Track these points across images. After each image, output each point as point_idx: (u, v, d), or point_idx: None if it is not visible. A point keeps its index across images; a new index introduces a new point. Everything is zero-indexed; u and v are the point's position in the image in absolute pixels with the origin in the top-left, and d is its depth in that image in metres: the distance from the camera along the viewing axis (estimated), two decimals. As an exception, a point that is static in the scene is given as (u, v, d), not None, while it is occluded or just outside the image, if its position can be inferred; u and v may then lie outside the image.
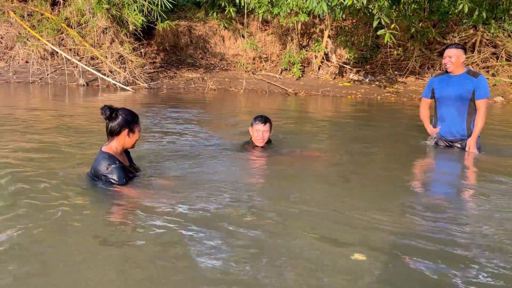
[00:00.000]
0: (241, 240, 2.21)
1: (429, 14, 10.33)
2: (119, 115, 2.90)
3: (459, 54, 4.15)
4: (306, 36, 12.63)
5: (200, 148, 4.28)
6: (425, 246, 2.22)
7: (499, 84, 10.88)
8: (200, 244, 2.15)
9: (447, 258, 2.11)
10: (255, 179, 3.47)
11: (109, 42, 10.80)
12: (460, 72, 4.21)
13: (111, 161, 2.85)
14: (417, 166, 4.15)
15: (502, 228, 2.49)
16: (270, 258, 2.04)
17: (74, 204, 2.62)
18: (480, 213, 2.76)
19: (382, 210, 2.72)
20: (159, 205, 2.64)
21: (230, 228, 2.35)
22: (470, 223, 2.57)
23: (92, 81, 10.51)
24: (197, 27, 13.02)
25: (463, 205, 2.98)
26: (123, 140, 2.93)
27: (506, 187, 3.29)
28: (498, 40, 11.22)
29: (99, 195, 2.80)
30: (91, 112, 6.56)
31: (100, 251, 2.08)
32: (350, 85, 11.29)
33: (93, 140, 4.37)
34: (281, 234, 2.33)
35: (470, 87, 4.13)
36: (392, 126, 6.49)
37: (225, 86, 11.10)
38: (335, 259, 2.06)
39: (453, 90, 4.20)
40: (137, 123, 2.98)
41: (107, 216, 2.54)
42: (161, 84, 10.80)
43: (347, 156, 4.33)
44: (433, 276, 1.93)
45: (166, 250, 2.09)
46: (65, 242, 2.14)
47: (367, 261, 2.05)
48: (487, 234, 2.41)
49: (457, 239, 2.32)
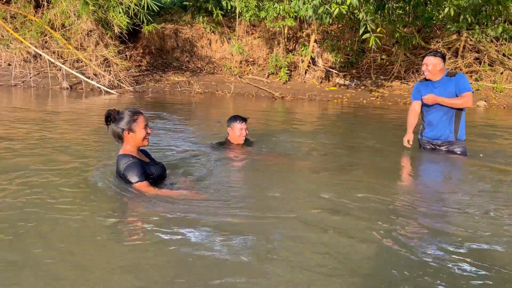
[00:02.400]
0: (239, 235, 2.21)
1: (413, 20, 10.46)
2: (116, 118, 2.90)
3: (436, 62, 4.18)
4: (293, 41, 12.67)
5: (185, 152, 4.26)
6: (414, 240, 2.22)
7: (482, 89, 11.05)
8: (210, 244, 2.16)
9: (438, 252, 2.11)
10: (248, 176, 3.51)
11: (93, 44, 10.67)
12: (440, 77, 4.25)
13: (126, 159, 2.86)
14: (401, 168, 4.19)
15: (486, 224, 2.51)
16: (269, 252, 2.03)
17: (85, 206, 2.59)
18: (463, 212, 2.78)
19: (368, 210, 2.72)
20: (176, 211, 2.65)
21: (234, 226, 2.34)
22: (455, 222, 2.58)
23: (76, 84, 10.36)
24: (184, 30, 12.96)
25: (448, 207, 2.99)
26: (130, 140, 2.92)
27: (490, 188, 3.33)
28: (481, 45, 11.40)
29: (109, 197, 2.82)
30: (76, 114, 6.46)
31: (108, 251, 2.04)
32: (336, 89, 11.35)
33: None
34: (279, 228, 2.36)
35: (453, 87, 4.16)
36: (377, 130, 6.53)
37: (211, 89, 11.06)
38: (325, 254, 2.05)
39: (438, 94, 4.23)
40: (135, 120, 2.92)
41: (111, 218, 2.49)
42: (146, 88, 10.71)
43: (332, 157, 4.38)
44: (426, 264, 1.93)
45: (166, 249, 2.06)
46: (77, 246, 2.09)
47: (360, 250, 2.05)
48: (470, 230, 2.43)
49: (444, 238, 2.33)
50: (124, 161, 2.85)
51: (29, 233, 2.26)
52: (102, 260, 2.03)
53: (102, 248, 2.15)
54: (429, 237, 2.42)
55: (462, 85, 4.12)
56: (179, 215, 2.57)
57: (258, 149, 4.50)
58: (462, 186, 3.57)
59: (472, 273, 2.03)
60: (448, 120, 4.24)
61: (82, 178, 3.19)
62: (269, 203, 2.86)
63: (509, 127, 7.24)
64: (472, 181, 3.65)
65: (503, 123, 7.73)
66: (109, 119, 2.90)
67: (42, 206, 2.61)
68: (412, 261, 2.13)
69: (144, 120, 2.96)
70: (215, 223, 2.48)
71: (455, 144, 4.29)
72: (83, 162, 3.60)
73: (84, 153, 3.99)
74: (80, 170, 3.37)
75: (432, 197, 3.31)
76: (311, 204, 2.90)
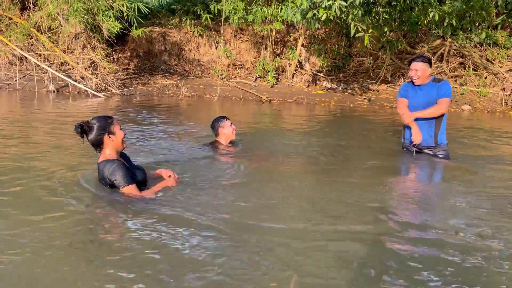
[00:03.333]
0: (226, 235, 2.22)
1: (399, 25, 10.61)
2: (92, 126, 2.86)
3: (425, 68, 4.24)
4: (280, 44, 12.75)
5: (176, 153, 4.28)
6: (400, 243, 2.27)
7: (466, 93, 11.25)
8: (195, 245, 2.17)
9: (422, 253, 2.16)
10: (239, 177, 3.56)
11: (81, 48, 10.59)
12: (427, 82, 4.33)
13: (110, 163, 2.84)
14: (386, 170, 4.26)
15: (470, 226, 2.57)
16: (254, 252, 2.04)
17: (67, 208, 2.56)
18: (447, 214, 2.84)
19: (352, 210, 2.76)
20: (165, 209, 2.70)
21: (224, 227, 2.35)
22: (438, 225, 2.64)
23: (63, 87, 10.26)
24: (172, 33, 12.94)
25: (432, 208, 3.05)
26: (110, 145, 2.90)
27: (473, 190, 3.41)
28: (465, 50, 11.62)
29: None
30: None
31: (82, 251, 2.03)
32: (323, 92, 11.45)
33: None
34: (267, 227, 2.39)
35: (435, 93, 4.23)
36: (364, 133, 6.60)
37: (199, 93, 11.05)
38: (316, 251, 2.08)
39: (421, 99, 4.30)
40: (112, 123, 2.93)
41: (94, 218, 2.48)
42: (134, 91, 10.66)
43: (321, 158, 4.43)
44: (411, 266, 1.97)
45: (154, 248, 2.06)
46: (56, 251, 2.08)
47: (348, 254, 2.08)
48: (455, 232, 2.48)
49: (428, 239, 2.38)
50: (109, 165, 2.83)
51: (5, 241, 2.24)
52: (86, 267, 2.02)
53: (85, 255, 2.14)
54: (416, 237, 2.48)
55: (442, 91, 4.19)
56: (165, 216, 2.58)
57: (247, 149, 4.58)
58: (447, 188, 3.65)
59: (460, 270, 2.08)
60: (428, 125, 4.30)
61: (60, 182, 3.13)
62: (259, 205, 2.89)
63: (492, 131, 7.39)
64: (456, 183, 3.73)
65: (487, 127, 7.88)
66: (83, 131, 2.86)
67: (13, 213, 2.57)
68: (403, 260, 2.17)
69: (118, 122, 2.99)
70: (206, 225, 2.49)
71: (437, 148, 4.37)
72: (64, 167, 3.55)
73: (65, 158, 3.94)
74: (59, 174, 3.32)
75: (418, 198, 3.38)
76: (299, 205, 2.94)
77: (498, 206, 3.06)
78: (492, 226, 2.67)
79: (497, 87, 11.22)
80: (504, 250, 2.34)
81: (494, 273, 2.09)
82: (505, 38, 11.71)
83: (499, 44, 11.73)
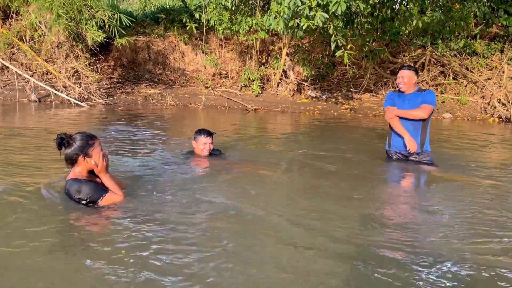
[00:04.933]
0: (208, 243, 2.21)
1: (381, 34, 10.80)
2: (71, 143, 2.79)
3: (411, 76, 4.40)
4: (265, 54, 12.84)
5: (156, 162, 4.26)
6: (384, 249, 2.29)
7: (447, 101, 11.47)
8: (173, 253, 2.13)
9: (406, 261, 2.18)
10: (208, 185, 3.54)
11: (63, 57, 10.49)
12: (412, 91, 4.45)
13: (77, 182, 2.77)
14: (373, 177, 4.31)
15: (453, 230, 2.62)
16: (235, 260, 2.04)
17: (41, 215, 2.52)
18: (431, 220, 2.88)
19: (340, 216, 2.78)
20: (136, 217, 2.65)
21: (199, 233, 2.34)
22: (423, 231, 2.68)
23: (45, 96, 10.15)
24: (156, 42, 12.92)
25: (417, 214, 3.09)
26: (83, 165, 2.83)
27: (456, 195, 3.47)
28: (445, 59, 11.87)
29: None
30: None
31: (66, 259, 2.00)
32: (308, 101, 11.54)
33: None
34: (246, 236, 2.40)
35: (420, 101, 4.36)
36: (348, 141, 6.67)
37: (184, 102, 11.04)
38: (297, 260, 2.09)
39: (408, 107, 4.43)
40: (92, 145, 2.84)
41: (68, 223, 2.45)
42: (118, 100, 10.59)
43: (304, 166, 4.48)
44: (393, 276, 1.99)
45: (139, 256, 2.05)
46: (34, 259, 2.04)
47: (330, 264, 2.09)
48: (437, 238, 2.52)
49: (412, 244, 2.41)
50: (76, 185, 2.76)
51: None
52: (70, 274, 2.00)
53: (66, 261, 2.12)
54: (402, 242, 2.51)
55: (425, 98, 4.34)
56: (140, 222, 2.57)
57: (226, 158, 4.59)
58: (431, 193, 3.72)
59: (444, 275, 2.11)
60: (415, 132, 4.41)
61: (35, 194, 3.09)
62: (238, 212, 2.89)
63: (473, 138, 7.54)
64: (441, 188, 3.81)
65: (468, 134, 8.04)
66: (62, 145, 2.80)
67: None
68: (387, 265, 2.20)
69: (99, 144, 2.90)
70: (178, 233, 2.48)
71: (422, 155, 4.47)
72: (40, 177, 3.51)
73: (42, 169, 3.88)
74: (35, 185, 3.28)
75: (404, 204, 3.42)
76: (279, 211, 2.94)
77: (481, 211, 3.12)
78: (476, 232, 2.73)
79: (477, 95, 11.47)
80: (483, 257, 2.38)
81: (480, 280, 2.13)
82: (483, 48, 12.01)
83: (478, 53, 12.02)
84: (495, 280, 2.12)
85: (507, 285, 2.07)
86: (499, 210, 3.18)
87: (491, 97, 10.99)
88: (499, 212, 3.14)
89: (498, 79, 11.29)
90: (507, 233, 2.74)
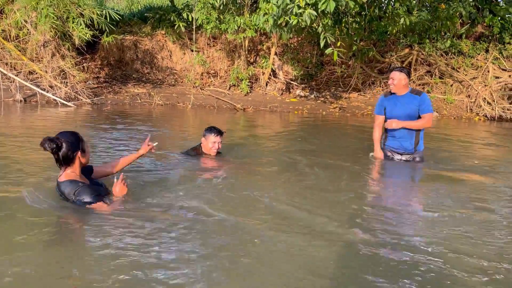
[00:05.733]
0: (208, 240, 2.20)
1: (369, 34, 10.88)
2: (64, 143, 2.74)
3: (402, 77, 4.49)
4: (254, 53, 12.83)
5: (151, 162, 4.22)
6: (373, 237, 2.30)
7: (433, 101, 11.60)
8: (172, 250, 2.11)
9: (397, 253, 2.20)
10: (214, 184, 3.55)
11: (49, 56, 10.33)
12: (405, 92, 4.52)
13: (74, 186, 2.75)
14: (360, 173, 4.37)
15: (436, 224, 2.65)
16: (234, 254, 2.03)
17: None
18: (419, 215, 2.92)
19: (330, 213, 2.79)
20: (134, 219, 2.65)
21: (200, 233, 2.33)
22: (413, 225, 2.70)
23: (31, 96, 9.99)
24: (144, 41, 12.83)
25: (406, 210, 3.12)
26: (78, 162, 2.83)
27: (444, 192, 3.51)
28: (432, 59, 12.00)
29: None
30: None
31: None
32: (296, 100, 11.57)
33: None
34: (250, 230, 2.41)
35: (416, 105, 4.47)
36: (336, 139, 6.70)
37: (172, 101, 10.97)
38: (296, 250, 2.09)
39: (401, 109, 4.53)
40: (82, 140, 2.88)
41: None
42: (105, 100, 10.48)
43: (295, 164, 4.48)
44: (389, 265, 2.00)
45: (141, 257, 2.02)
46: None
47: (323, 251, 2.10)
48: (425, 233, 2.55)
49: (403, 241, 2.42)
50: (73, 187, 2.74)
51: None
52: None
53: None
54: (391, 235, 2.52)
55: (426, 106, 4.46)
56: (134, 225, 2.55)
57: (229, 158, 4.58)
58: (420, 188, 3.77)
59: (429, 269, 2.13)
60: (409, 134, 4.55)
61: (18, 196, 3.04)
62: (235, 210, 2.89)
63: (459, 136, 7.65)
64: (429, 184, 3.87)
65: (454, 132, 8.15)
66: (57, 148, 2.72)
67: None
68: (375, 259, 2.21)
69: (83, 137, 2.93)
70: (179, 233, 2.47)
71: (416, 154, 4.62)
72: (24, 180, 3.45)
73: (26, 171, 3.81)
74: (17, 187, 3.22)
75: (392, 198, 3.45)
76: (275, 211, 2.94)
77: (465, 206, 3.16)
78: (465, 229, 2.76)
79: (463, 94, 11.63)
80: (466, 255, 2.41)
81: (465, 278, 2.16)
82: (469, 47, 12.18)
83: (464, 53, 12.19)
84: (474, 271, 2.15)
85: (486, 277, 2.10)
86: (484, 205, 3.24)
87: (477, 96, 11.15)
88: (484, 207, 3.20)
89: (483, 78, 11.46)
90: (490, 228, 2.79)
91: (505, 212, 3.17)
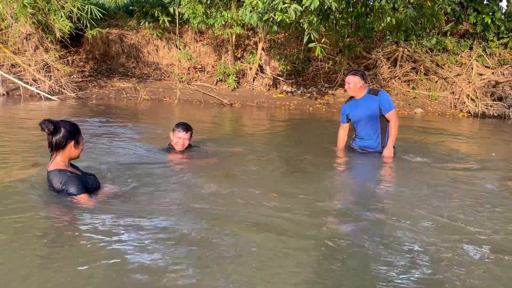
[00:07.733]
0: (184, 237, 2.20)
1: (355, 30, 10.94)
2: (62, 128, 2.76)
3: (356, 81, 4.54)
4: (241, 48, 12.80)
5: (130, 156, 4.21)
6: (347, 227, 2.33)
7: (418, 97, 11.74)
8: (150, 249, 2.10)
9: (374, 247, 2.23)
10: (189, 180, 3.50)
11: (33, 49, 10.15)
12: (362, 94, 4.58)
13: (62, 175, 2.74)
14: (336, 168, 4.49)
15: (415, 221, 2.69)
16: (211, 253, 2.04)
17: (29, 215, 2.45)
18: (395, 210, 2.96)
19: (309, 210, 2.81)
20: (118, 215, 2.61)
21: (179, 230, 2.32)
22: (388, 222, 2.74)
23: (13, 90, 9.82)
24: (129, 35, 12.69)
25: (381, 205, 3.16)
26: (69, 152, 2.82)
27: (421, 188, 3.57)
28: (417, 55, 12.13)
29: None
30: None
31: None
32: (283, 96, 11.59)
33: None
34: (223, 229, 2.37)
35: (376, 105, 4.54)
36: (321, 135, 6.74)
37: (159, 96, 10.90)
38: (275, 251, 2.10)
39: (361, 111, 4.61)
40: (80, 133, 2.90)
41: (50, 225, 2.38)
42: (90, 94, 10.36)
43: (277, 159, 4.51)
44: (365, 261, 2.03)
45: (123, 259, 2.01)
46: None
47: (310, 254, 2.12)
48: (404, 226, 2.59)
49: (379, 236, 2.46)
50: (60, 177, 2.74)
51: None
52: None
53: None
54: (374, 230, 2.55)
55: (387, 105, 4.52)
56: (117, 222, 2.54)
57: (201, 153, 4.54)
58: (395, 183, 3.84)
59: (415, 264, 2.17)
60: (376, 135, 4.65)
61: (12, 186, 3.04)
62: (211, 207, 2.89)
63: (442, 131, 7.76)
64: (404, 178, 3.96)
65: (438, 128, 8.26)
66: (54, 130, 2.74)
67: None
68: (360, 256, 2.24)
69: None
70: (157, 229, 2.46)
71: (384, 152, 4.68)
72: (6, 173, 3.41)
73: (7, 164, 3.77)
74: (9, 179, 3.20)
75: (371, 194, 3.49)
76: (254, 207, 2.96)
77: (445, 200, 3.22)
78: (444, 222, 2.81)
79: (447, 91, 11.79)
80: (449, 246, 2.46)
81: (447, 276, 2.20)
82: (453, 45, 12.34)
83: (448, 50, 12.35)
84: (454, 264, 2.19)
85: (464, 270, 2.15)
86: (460, 198, 3.32)
87: (461, 92, 11.31)
88: (460, 199, 3.27)
89: (467, 75, 11.64)
90: (469, 219, 2.85)
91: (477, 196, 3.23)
